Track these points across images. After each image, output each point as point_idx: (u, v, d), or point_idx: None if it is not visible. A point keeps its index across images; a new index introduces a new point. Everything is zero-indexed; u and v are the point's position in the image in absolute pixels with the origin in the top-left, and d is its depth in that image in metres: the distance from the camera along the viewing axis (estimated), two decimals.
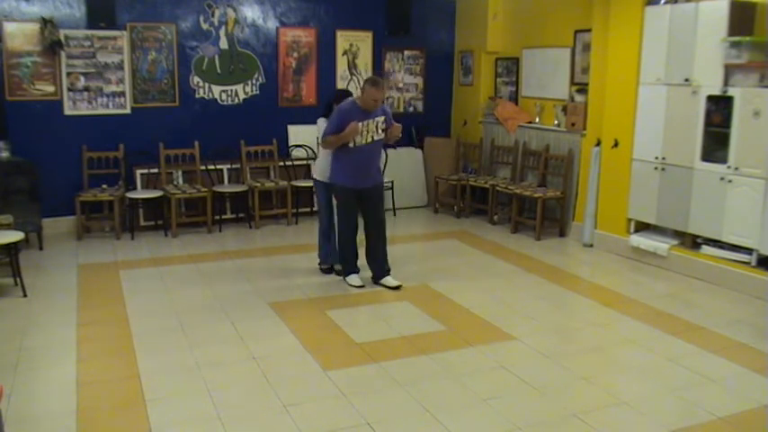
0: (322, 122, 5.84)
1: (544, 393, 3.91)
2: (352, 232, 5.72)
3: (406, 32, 8.75)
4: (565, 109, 7.61)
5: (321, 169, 5.86)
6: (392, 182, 8.46)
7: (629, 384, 4.08)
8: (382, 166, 5.74)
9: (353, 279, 5.74)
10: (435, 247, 7.21)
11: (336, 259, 5.94)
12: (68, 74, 7.27)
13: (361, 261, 5.82)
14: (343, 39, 8.59)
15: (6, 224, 6.05)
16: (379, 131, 5.55)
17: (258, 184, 7.69)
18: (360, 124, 5.38)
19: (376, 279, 5.78)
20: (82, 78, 7.34)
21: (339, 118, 5.44)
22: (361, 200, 5.67)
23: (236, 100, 8.08)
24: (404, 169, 8.80)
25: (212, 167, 7.76)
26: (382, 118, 5.54)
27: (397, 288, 5.64)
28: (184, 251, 6.81)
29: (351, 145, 5.45)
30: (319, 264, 6.12)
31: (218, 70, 7.96)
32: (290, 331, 4.77)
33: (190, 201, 7.65)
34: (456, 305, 5.34)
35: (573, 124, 7.41)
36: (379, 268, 5.77)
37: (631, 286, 5.89)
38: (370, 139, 5.51)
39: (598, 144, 6.99)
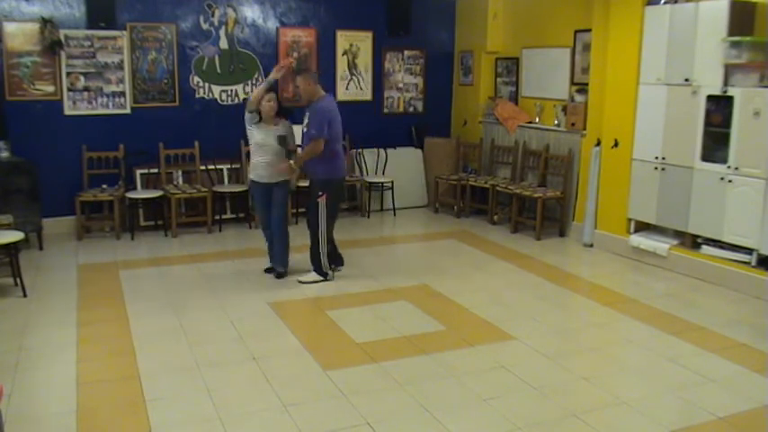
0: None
1: (544, 393, 3.91)
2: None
3: (406, 32, 8.75)
4: (565, 109, 7.61)
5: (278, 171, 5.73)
6: (392, 182, 8.48)
7: (629, 384, 4.08)
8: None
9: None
10: (435, 247, 7.21)
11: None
12: (68, 74, 7.27)
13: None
14: (343, 39, 8.59)
15: (6, 224, 6.04)
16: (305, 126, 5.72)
17: None
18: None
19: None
20: (82, 78, 7.33)
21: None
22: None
23: (236, 100, 8.08)
24: (404, 169, 8.80)
25: (212, 167, 7.77)
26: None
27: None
28: (184, 251, 6.81)
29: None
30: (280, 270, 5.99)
31: (218, 70, 7.96)
32: (290, 331, 4.77)
33: (190, 201, 7.65)
34: (456, 305, 5.34)
35: (573, 124, 7.41)
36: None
37: (631, 286, 5.89)
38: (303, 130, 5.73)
39: (598, 144, 6.99)
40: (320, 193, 5.68)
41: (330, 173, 5.68)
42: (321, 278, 5.80)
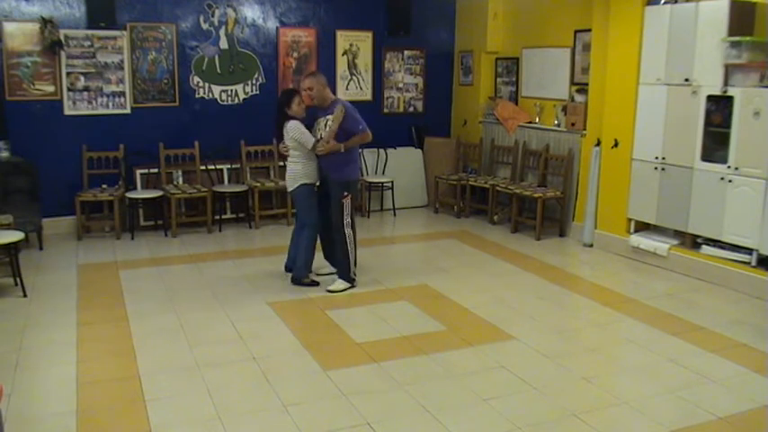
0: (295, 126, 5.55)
1: (544, 393, 3.91)
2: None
3: (406, 32, 8.75)
4: (565, 109, 7.61)
5: (309, 172, 5.65)
6: (392, 182, 8.48)
7: (629, 384, 4.08)
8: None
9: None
10: (435, 247, 7.21)
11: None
12: (68, 74, 7.27)
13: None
14: (343, 39, 8.59)
15: (6, 224, 6.04)
16: (325, 128, 5.52)
17: (258, 184, 7.69)
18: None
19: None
20: (82, 78, 7.33)
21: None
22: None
23: (236, 100, 8.08)
24: (404, 169, 8.81)
25: (212, 167, 7.76)
26: (331, 116, 5.49)
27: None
28: (184, 251, 6.81)
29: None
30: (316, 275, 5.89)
31: (218, 70, 7.96)
32: (290, 331, 4.77)
33: (190, 201, 7.65)
34: (456, 305, 5.34)
35: (573, 124, 7.41)
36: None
37: (631, 286, 5.89)
38: (319, 136, 5.55)
39: (598, 144, 6.99)
40: (345, 194, 5.56)
41: (351, 174, 5.65)
42: (349, 285, 5.64)
